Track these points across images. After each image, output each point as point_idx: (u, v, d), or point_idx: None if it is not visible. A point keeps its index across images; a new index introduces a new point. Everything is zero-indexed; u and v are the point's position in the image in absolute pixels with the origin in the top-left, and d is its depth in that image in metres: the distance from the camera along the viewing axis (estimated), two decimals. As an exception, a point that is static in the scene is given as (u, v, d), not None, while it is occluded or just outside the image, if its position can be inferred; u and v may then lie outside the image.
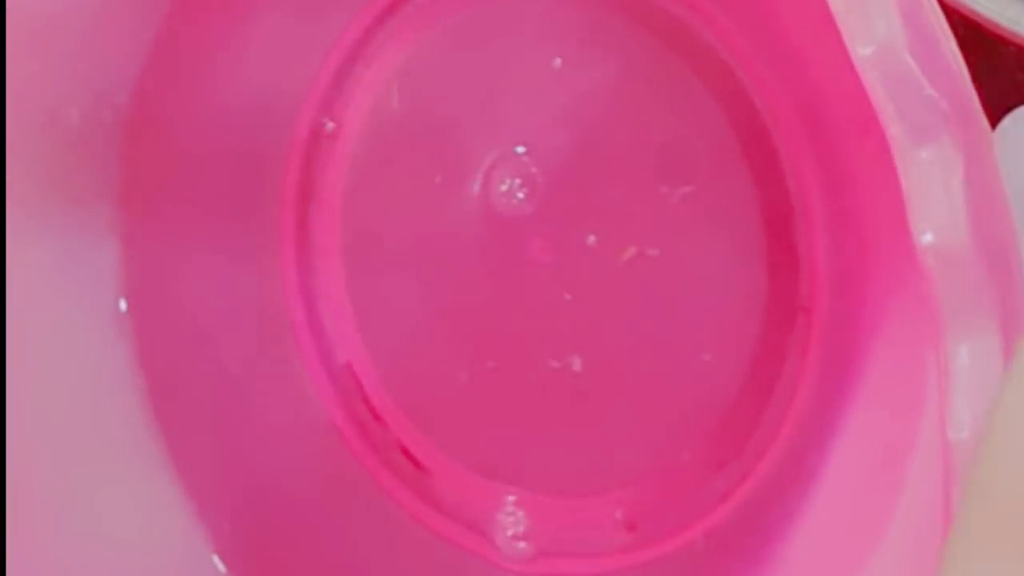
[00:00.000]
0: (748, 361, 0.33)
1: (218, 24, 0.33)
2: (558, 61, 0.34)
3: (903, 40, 0.22)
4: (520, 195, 0.34)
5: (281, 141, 0.36)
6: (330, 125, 0.36)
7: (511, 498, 0.34)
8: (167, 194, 0.34)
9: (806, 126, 0.30)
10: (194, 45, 0.33)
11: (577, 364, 0.34)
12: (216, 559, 0.34)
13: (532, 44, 0.35)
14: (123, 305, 0.34)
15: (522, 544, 0.34)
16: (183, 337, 0.33)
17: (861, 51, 0.22)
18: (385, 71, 0.36)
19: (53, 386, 0.33)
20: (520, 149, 0.34)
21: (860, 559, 0.27)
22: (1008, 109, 0.35)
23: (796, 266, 0.29)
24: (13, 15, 0.30)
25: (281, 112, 0.36)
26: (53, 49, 0.32)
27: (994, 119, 0.34)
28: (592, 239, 0.34)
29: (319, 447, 0.36)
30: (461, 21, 0.35)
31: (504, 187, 0.34)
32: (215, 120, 0.34)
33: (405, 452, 0.36)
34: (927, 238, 0.21)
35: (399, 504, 0.35)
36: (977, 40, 0.34)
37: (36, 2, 0.31)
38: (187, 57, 0.33)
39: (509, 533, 0.34)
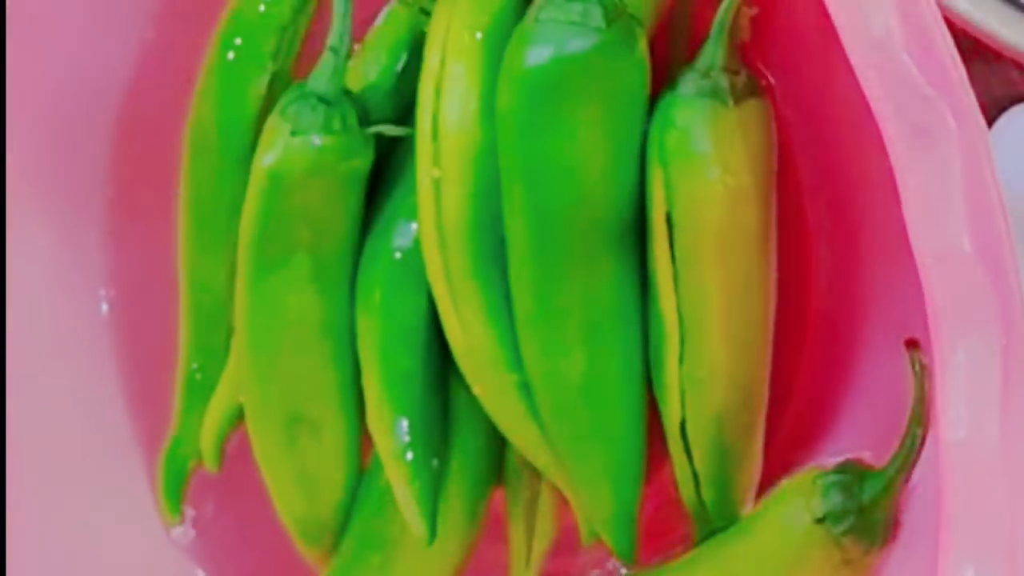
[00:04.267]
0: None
1: (209, 29, 0.33)
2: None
3: (901, 40, 0.22)
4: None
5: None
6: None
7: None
8: (160, 194, 0.34)
9: (807, 125, 0.30)
10: (186, 47, 0.33)
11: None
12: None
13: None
14: (114, 302, 0.34)
15: None
16: (176, 335, 0.33)
17: (859, 51, 0.22)
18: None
19: (52, 384, 0.33)
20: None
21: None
22: (1004, 108, 0.35)
23: (795, 266, 0.29)
24: (13, 16, 0.30)
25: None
26: (52, 50, 0.32)
27: (990, 118, 0.34)
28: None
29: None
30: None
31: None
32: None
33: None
34: (924, 238, 0.21)
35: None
36: (974, 40, 0.34)
37: (36, 4, 0.31)
38: (179, 58, 0.33)
39: None
